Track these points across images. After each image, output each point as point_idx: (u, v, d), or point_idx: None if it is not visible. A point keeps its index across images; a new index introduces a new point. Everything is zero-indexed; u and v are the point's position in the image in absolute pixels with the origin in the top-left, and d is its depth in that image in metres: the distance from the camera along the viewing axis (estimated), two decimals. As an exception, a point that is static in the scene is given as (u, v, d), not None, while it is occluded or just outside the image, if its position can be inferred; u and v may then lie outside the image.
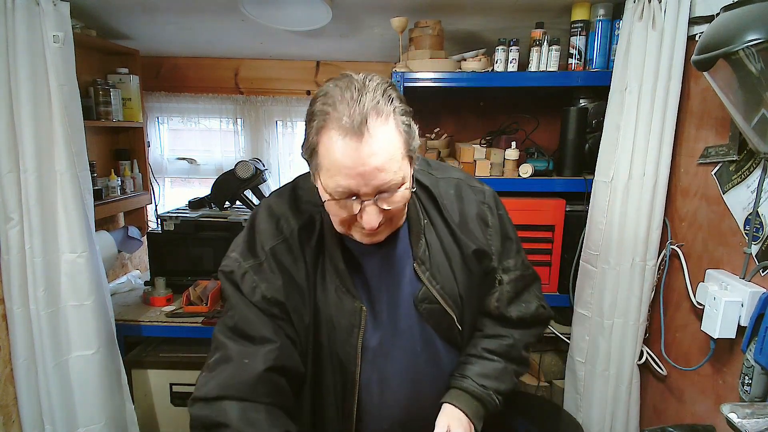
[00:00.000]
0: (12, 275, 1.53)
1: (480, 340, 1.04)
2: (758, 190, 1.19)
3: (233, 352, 0.86)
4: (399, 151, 0.78)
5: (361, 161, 0.75)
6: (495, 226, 1.01)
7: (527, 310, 1.06)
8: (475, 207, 1.00)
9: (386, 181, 0.77)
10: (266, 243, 0.92)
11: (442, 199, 0.98)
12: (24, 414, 1.62)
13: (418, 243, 0.94)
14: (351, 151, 0.74)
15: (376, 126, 0.75)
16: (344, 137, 0.74)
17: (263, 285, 0.88)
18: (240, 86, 2.63)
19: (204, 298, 2.05)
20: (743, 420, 0.95)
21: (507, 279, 1.03)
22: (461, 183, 1.02)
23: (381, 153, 0.75)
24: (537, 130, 2.05)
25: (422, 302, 0.94)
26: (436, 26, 1.78)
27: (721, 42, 1.01)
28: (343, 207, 0.81)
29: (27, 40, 1.44)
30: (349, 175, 0.76)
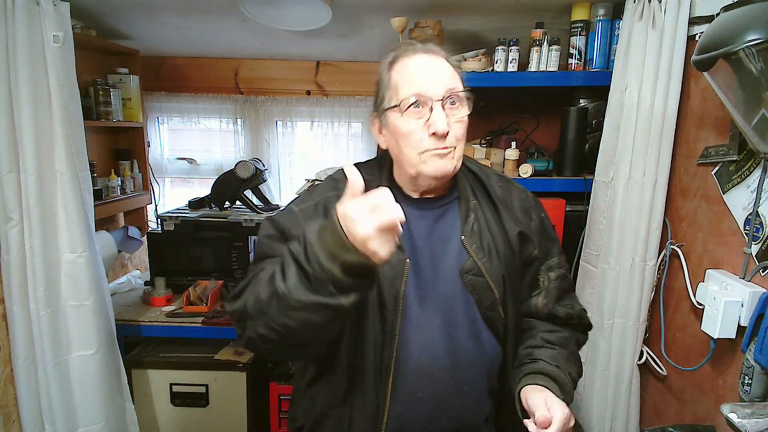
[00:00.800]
0: (12, 275, 1.53)
1: (537, 333, 1.05)
2: (758, 190, 1.19)
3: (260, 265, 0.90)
4: (458, 73, 0.94)
5: (431, 68, 0.91)
6: (537, 223, 1.06)
7: (573, 310, 1.08)
8: (519, 200, 1.06)
9: (453, 84, 0.90)
10: (321, 194, 1.01)
11: (490, 184, 1.05)
12: (24, 414, 1.62)
13: (467, 218, 1.00)
14: (422, 60, 0.92)
15: (439, 53, 0.93)
16: (415, 54, 0.92)
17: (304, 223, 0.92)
18: (240, 86, 2.63)
19: (204, 298, 2.05)
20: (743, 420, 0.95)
21: (554, 276, 1.06)
22: (507, 180, 1.10)
23: (445, 66, 0.92)
24: (537, 130, 2.05)
25: (467, 273, 0.97)
26: (436, 26, 1.78)
27: (721, 42, 1.01)
28: (414, 116, 0.90)
29: (27, 40, 1.44)
30: (422, 79, 0.89)
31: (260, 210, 2.35)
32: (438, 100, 0.89)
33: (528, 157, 1.93)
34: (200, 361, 1.98)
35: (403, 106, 0.89)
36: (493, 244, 0.99)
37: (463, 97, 0.92)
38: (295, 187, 2.55)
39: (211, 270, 2.24)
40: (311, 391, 1.03)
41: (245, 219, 2.21)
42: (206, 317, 1.97)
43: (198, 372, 1.97)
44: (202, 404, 1.99)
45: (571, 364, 1.01)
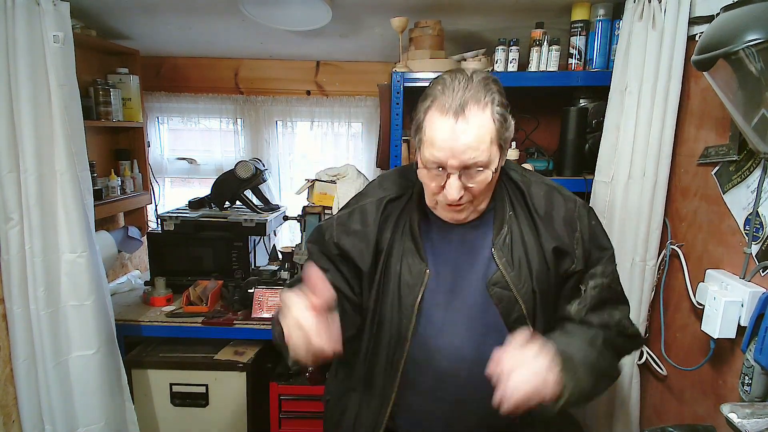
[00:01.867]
0: (12, 275, 1.53)
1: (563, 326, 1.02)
2: (758, 190, 1.19)
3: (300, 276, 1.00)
4: (489, 136, 0.89)
5: (453, 136, 0.88)
6: (584, 233, 1.02)
7: (610, 319, 1.03)
8: (564, 211, 1.03)
9: (472, 158, 0.88)
10: (359, 201, 1.09)
11: (531, 196, 1.03)
12: (24, 414, 1.62)
13: (500, 231, 1.01)
14: (446, 127, 0.88)
15: (472, 111, 0.88)
16: (443, 116, 0.88)
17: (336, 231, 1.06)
18: (240, 86, 2.63)
19: (204, 298, 2.05)
20: (743, 420, 0.95)
21: (593, 284, 1.02)
22: (553, 189, 1.07)
23: (471, 133, 0.88)
24: (537, 130, 2.05)
25: (494, 285, 0.98)
26: (436, 26, 1.78)
27: (721, 42, 1.01)
28: (433, 177, 0.93)
29: (27, 40, 1.44)
30: (441, 147, 0.89)
31: (260, 210, 2.35)
32: (454, 172, 0.90)
33: (528, 157, 1.93)
34: (200, 361, 1.98)
35: (424, 164, 0.93)
36: (525, 259, 0.99)
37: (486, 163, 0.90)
38: (295, 187, 2.54)
39: (211, 270, 2.24)
40: (340, 372, 1.17)
41: (245, 219, 2.21)
42: (206, 317, 1.97)
43: (198, 372, 1.97)
44: (202, 404, 1.99)
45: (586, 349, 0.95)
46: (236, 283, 2.11)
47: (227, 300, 2.08)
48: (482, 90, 0.89)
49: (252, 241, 2.30)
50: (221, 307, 2.07)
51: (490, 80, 0.92)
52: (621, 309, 1.06)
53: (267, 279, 2.13)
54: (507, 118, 0.93)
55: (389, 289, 1.02)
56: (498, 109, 0.90)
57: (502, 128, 0.91)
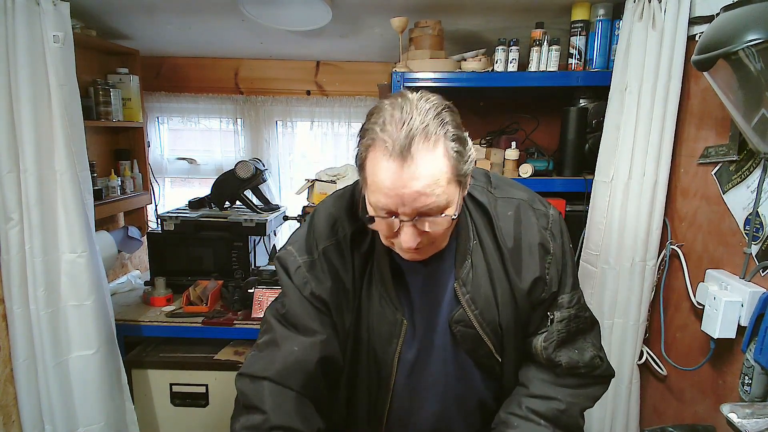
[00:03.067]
0: (12, 275, 1.53)
1: (525, 399, 0.95)
2: (758, 190, 1.19)
3: (281, 337, 0.92)
4: (444, 176, 0.75)
5: (402, 183, 0.74)
6: (556, 255, 0.93)
7: (580, 358, 0.95)
8: (537, 233, 0.93)
9: (426, 204, 0.76)
10: (320, 243, 0.94)
11: (498, 221, 0.93)
12: (24, 414, 1.62)
13: (462, 263, 0.92)
14: (392, 174, 0.74)
15: (420, 150, 0.73)
16: (387, 159, 0.74)
17: (313, 283, 0.92)
18: (240, 86, 2.63)
19: (204, 298, 2.05)
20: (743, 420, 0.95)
21: (559, 317, 0.94)
22: (523, 205, 0.95)
23: (423, 177, 0.74)
24: (537, 130, 2.05)
25: (457, 324, 0.92)
26: (436, 26, 1.78)
27: (721, 42, 1.01)
28: (383, 224, 0.81)
29: (27, 40, 1.44)
30: (388, 195, 0.76)
31: (260, 210, 2.35)
32: (407, 220, 0.78)
33: (528, 157, 1.93)
34: (200, 361, 1.98)
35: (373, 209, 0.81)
36: (492, 292, 0.92)
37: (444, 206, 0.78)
38: (295, 187, 2.54)
39: (211, 270, 2.24)
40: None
41: (245, 219, 2.21)
42: (206, 317, 1.97)
43: (198, 372, 1.97)
44: (202, 404, 1.99)
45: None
46: (236, 283, 2.11)
47: (227, 300, 2.08)
48: (431, 122, 0.74)
49: (252, 241, 2.30)
50: (221, 307, 2.07)
51: (442, 107, 0.77)
52: (592, 338, 1.00)
53: (267, 279, 2.13)
54: (464, 149, 0.78)
55: (362, 340, 0.95)
56: (452, 144, 0.76)
57: (460, 163, 0.77)
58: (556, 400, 0.94)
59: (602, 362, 0.99)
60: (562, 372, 0.96)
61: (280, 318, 0.94)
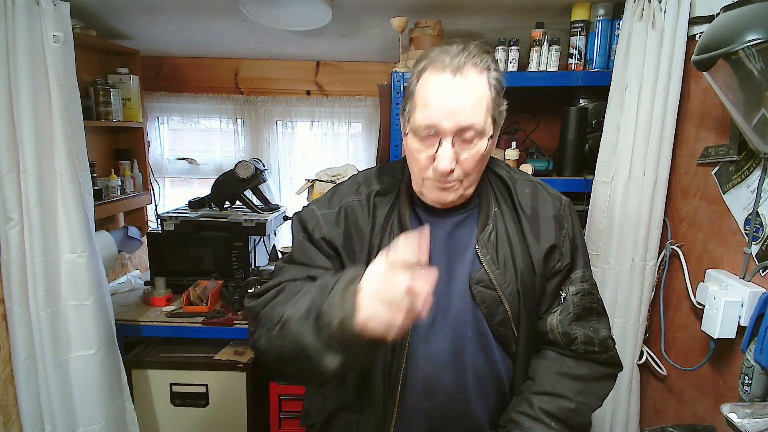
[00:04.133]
0: (12, 275, 1.53)
1: (535, 397, 0.95)
2: (758, 190, 1.19)
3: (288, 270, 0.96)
4: (485, 101, 0.83)
5: (450, 95, 0.81)
6: (569, 232, 0.99)
7: (595, 335, 0.97)
8: (552, 209, 0.99)
9: (468, 122, 0.82)
10: (343, 198, 1.00)
11: (517, 194, 0.99)
12: (24, 414, 1.62)
13: (484, 227, 0.95)
14: (443, 86, 0.82)
15: (471, 71, 0.82)
16: (441, 74, 0.82)
17: (326, 228, 0.96)
18: (240, 86, 2.63)
19: (204, 298, 2.05)
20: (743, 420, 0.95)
21: (574, 290, 0.97)
22: (539, 186, 1.03)
23: (469, 94, 0.82)
24: (537, 130, 2.05)
25: (477, 284, 0.93)
26: (436, 26, 1.78)
27: (721, 42, 1.01)
28: (423, 145, 0.86)
29: (27, 40, 1.44)
30: (436, 107, 0.82)
31: (260, 210, 2.35)
32: (448, 136, 0.83)
33: (528, 157, 1.93)
34: (200, 361, 1.98)
35: (415, 130, 0.86)
36: (511, 256, 0.94)
37: (483, 130, 0.84)
38: (295, 187, 2.54)
39: (211, 270, 2.24)
40: (324, 389, 1.05)
41: (245, 219, 2.21)
42: (206, 317, 1.97)
43: (198, 372, 1.97)
44: (202, 404, 1.99)
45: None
46: (236, 283, 2.11)
47: (227, 300, 2.08)
48: (479, 54, 0.84)
49: (252, 241, 2.30)
50: (221, 307, 2.07)
51: (486, 49, 0.87)
52: (603, 323, 1.02)
53: (267, 279, 2.13)
54: (502, 88, 0.88)
55: None
56: (495, 74, 0.85)
57: (498, 98, 0.86)
58: (567, 399, 0.94)
59: (614, 345, 1.01)
60: (578, 349, 0.96)
61: (287, 260, 0.99)
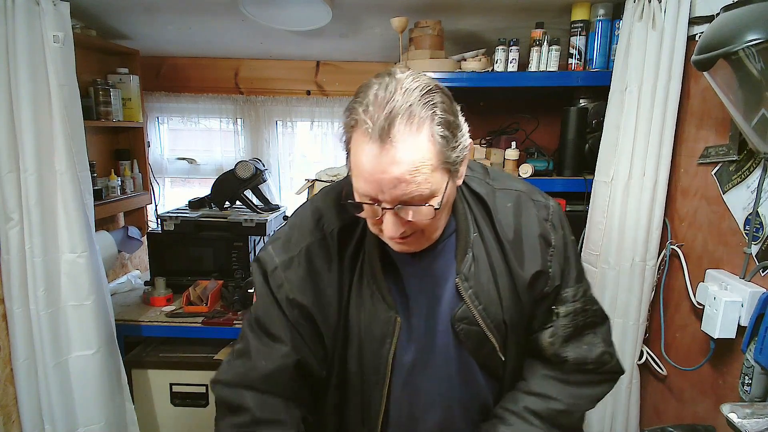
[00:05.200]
0: (12, 275, 1.53)
1: (523, 396, 0.92)
2: (758, 190, 1.19)
3: (252, 346, 0.88)
4: (428, 162, 0.70)
5: (381, 168, 0.69)
6: (558, 247, 0.90)
7: (588, 354, 0.91)
8: (537, 225, 0.90)
9: (407, 193, 0.71)
10: (302, 240, 0.88)
11: (497, 213, 0.89)
12: (24, 414, 1.62)
13: (464, 257, 0.87)
14: (371, 158, 0.70)
15: (402, 133, 0.68)
16: (367, 142, 0.70)
17: (287, 285, 0.86)
18: (240, 86, 2.63)
19: (204, 298, 2.05)
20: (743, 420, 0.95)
21: (564, 311, 0.91)
22: (522, 196, 0.92)
23: (403, 163, 0.69)
24: (537, 130, 2.05)
25: (460, 321, 0.86)
26: (436, 26, 1.78)
27: (721, 42, 1.01)
28: (367, 209, 0.76)
29: (27, 40, 1.44)
30: (368, 180, 0.71)
31: (260, 210, 2.35)
32: (388, 206, 0.73)
33: (528, 157, 1.93)
34: (200, 361, 1.98)
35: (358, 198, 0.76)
36: (495, 287, 0.87)
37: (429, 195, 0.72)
38: (295, 187, 2.54)
39: (211, 270, 2.24)
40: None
41: (245, 219, 2.21)
42: (206, 317, 1.97)
43: (198, 372, 1.97)
44: (202, 404, 1.99)
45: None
46: (236, 283, 2.11)
47: (227, 300, 2.08)
48: (416, 103, 0.69)
49: (252, 241, 2.30)
50: (221, 307, 2.07)
51: (431, 88, 0.72)
52: (602, 333, 0.95)
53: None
54: (455, 134, 0.73)
55: (352, 341, 0.89)
56: (439, 128, 0.70)
57: (447, 149, 0.72)
58: (556, 400, 0.91)
59: (612, 358, 0.94)
60: (569, 368, 0.92)
61: (252, 324, 0.89)
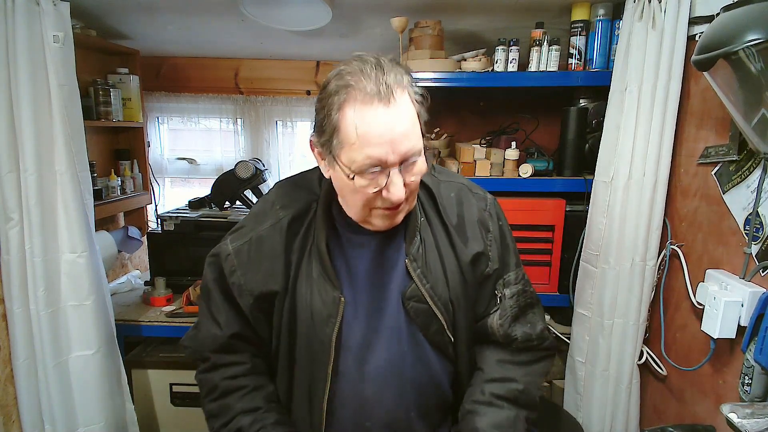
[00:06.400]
0: (12, 275, 1.53)
1: (486, 385, 0.98)
2: (758, 190, 1.19)
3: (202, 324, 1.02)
4: (416, 120, 0.81)
5: (390, 127, 0.76)
6: (495, 233, 0.99)
7: (533, 330, 1.00)
8: (476, 211, 0.99)
9: (410, 148, 0.79)
10: (255, 228, 0.96)
11: (442, 200, 0.98)
12: (24, 414, 1.62)
13: (412, 240, 0.94)
14: (381, 118, 0.76)
15: (398, 94, 0.77)
16: (372, 105, 0.76)
17: (239, 271, 0.95)
18: (240, 86, 2.64)
19: (204, 298, 2.05)
20: (743, 420, 0.95)
21: (509, 293, 0.99)
22: (463, 188, 1.01)
23: (406, 120, 0.78)
24: (537, 130, 2.05)
25: (410, 300, 0.93)
26: (436, 26, 1.78)
27: (721, 42, 1.01)
28: (369, 182, 0.81)
29: (27, 40, 1.44)
30: (379, 143, 0.77)
31: (260, 210, 2.35)
32: (396, 167, 0.80)
33: (528, 157, 1.92)
34: (200, 361, 1.98)
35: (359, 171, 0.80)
36: (441, 266, 0.94)
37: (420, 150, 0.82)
38: (295, 187, 2.55)
39: (211, 270, 2.24)
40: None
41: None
42: (206, 317, 1.97)
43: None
44: (202, 404, 1.99)
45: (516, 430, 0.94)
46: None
47: (227, 300, 2.08)
48: (394, 70, 0.79)
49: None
50: (221, 307, 2.07)
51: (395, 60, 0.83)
52: (538, 312, 1.04)
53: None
54: (424, 97, 0.84)
55: (301, 321, 0.94)
56: (415, 89, 0.82)
57: (422, 108, 0.83)
58: (515, 381, 0.97)
59: (549, 334, 1.04)
60: (518, 346, 0.99)
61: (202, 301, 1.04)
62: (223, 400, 0.98)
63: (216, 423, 1.00)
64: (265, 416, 0.95)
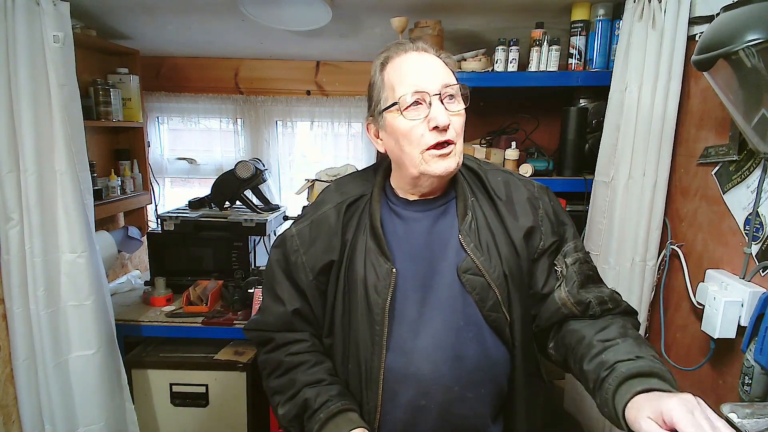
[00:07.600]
0: (12, 275, 1.53)
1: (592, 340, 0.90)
2: (758, 190, 1.19)
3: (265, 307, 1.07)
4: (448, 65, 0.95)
5: (424, 62, 0.93)
6: (546, 210, 1.01)
7: (602, 293, 0.98)
8: (525, 192, 1.02)
9: (446, 78, 0.92)
10: (317, 211, 1.04)
11: (489, 183, 1.03)
12: (24, 414, 1.62)
13: (464, 217, 0.98)
14: (414, 59, 0.93)
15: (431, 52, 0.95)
16: (407, 52, 0.94)
17: (301, 249, 1.02)
18: (240, 86, 2.63)
19: (204, 298, 2.05)
20: (743, 420, 0.95)
21: (571, 261, 0.99)
22: (509, 175, 1.07)
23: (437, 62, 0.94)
24: (537, 130, 2.05)
25: (465, 273, 0.94)
26: (436, 26, 1.77)
27: (721, 42, 1.01)
28: (414, 113, 0.90)
29: (27, 40, 1.44)
30: (416, 74, 0.91)
31: (260, 210, 2.35)
32: (436, 95, 0.90)
33: (528, 157, 1.93)
34: (200, 361, 1.98)
35: (402, 105, 0.90)
36: (493, 242, 0.97)
37: (459, 92, 0.93)
38: (295, 187, 2.55)
39: (211, 270, 2.24)
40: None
41: (245, 219, 2.21)
42: (206, 317, 1.97)
43: (198, 372, 1.97)
44: (202, 404, 1.99)
45: (646, 347, 0.88)
46: (236, 283, 2.11)
47: (227, 300, 2.08)
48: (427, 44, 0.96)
49: (252, 241, 2.30)
50: (221, 307, 2.07)
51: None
52: (603, 285, 1.02)
53: (267, 279, 2.13)
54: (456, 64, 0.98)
55: (356, 294, 0.97)
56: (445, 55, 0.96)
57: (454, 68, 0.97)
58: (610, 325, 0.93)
59: (619, 295, 1.01)
60: (595, 313, 0.96)
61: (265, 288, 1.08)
62: (288, 375, 1.02)
63: (282, 398, 1.03)
64: (329, 388, 0.98)
